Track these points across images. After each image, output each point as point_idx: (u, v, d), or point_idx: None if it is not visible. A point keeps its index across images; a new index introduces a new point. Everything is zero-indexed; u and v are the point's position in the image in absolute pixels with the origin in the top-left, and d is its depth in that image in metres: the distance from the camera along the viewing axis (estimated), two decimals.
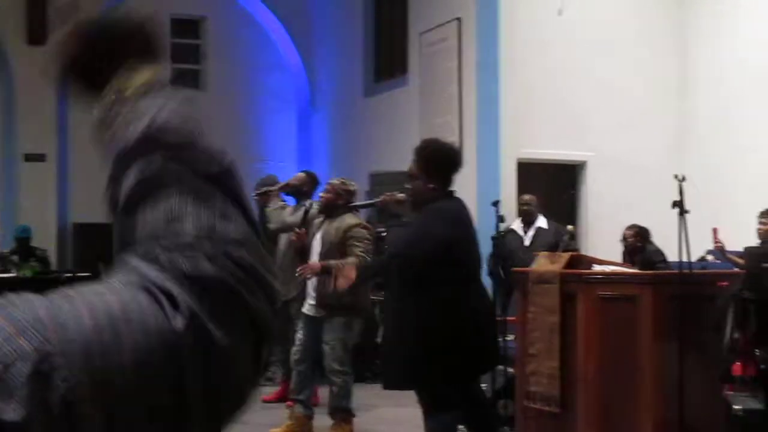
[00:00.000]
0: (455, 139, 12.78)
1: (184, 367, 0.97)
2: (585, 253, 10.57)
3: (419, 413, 8.93)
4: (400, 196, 6.01)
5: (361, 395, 10.39)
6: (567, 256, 7.14)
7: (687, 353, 6.05)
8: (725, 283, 6.08)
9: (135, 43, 1.30)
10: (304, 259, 8.30)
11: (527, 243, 10.53)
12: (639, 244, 10.42)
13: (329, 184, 8.46)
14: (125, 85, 1.24)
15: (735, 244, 9.61)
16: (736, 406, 5.48)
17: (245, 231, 1.09)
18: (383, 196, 6.08)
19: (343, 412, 8.15)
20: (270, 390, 10.32)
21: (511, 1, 12.52)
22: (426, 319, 5.53)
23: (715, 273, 7.83)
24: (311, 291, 8.10)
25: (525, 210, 10.87)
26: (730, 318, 5.54)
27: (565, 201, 11.93)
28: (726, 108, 12.53)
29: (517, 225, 10.82)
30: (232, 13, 17.69)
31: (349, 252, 7.90)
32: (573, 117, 12.74)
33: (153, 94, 1.20)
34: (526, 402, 7.09)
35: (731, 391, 5.80)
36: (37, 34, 15.84)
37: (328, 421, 8.20)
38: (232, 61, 17.66)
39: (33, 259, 13.35)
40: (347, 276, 6.48)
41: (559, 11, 12.48)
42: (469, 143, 12.56)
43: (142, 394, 0.95)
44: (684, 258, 6.06)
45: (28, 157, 15.84)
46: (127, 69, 1.26)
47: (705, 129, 12.89)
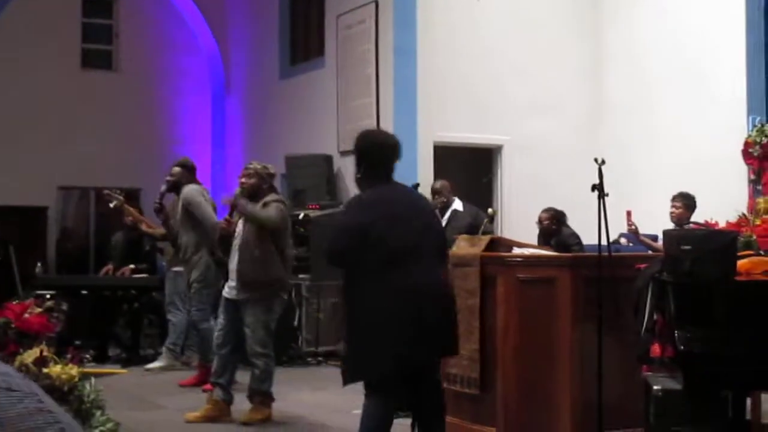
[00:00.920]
0: (372, 122, 12.77)
1: None
2: (502, 235, 10.65)
3: (337, 398, 8.96)
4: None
5: (278, 379, 10.36)
6: (487, 239, 7.18)
7: (605, 335, 6.12)
8: (643, 266, 6.15)
9: None
10: (227, 247, 8.25)
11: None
12: (554, 227, 10.51)
13: (250, 168, 8.32)
14: None
15: (649, 227, 9.75)
16: (655, 387, 5.56)
17: None
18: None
19: (262, 395, 8.10)
20: (187, 375, 10.26)
21: None
22: (356, 307, 5.52)
23: (633, 256, 7.94)
24: (232, 273, 8.04)
25: (436, 198, 10.77)
26: (648, 299, 5.61)
27: (483, 184, 12.00)
28: (640, 90, 12.72)
29: None
30: None
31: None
32: (489, 100, 12.82)
33: None
34: (446, 384, 7.10)
35: (650, 372, 5.88)
36: None
37: (247, 404, 8.14)
38: (145, 41, 17.42)
39: None
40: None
41: None
42: (387, 126, 12.52)
43: None
44: (602, 239, 6.12)
45: None
46: None
47: (619, 111, 13.07)
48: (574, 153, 12.14)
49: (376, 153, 5.75)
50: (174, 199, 10.12)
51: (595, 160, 6.30)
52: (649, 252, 8.81)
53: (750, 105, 11.47)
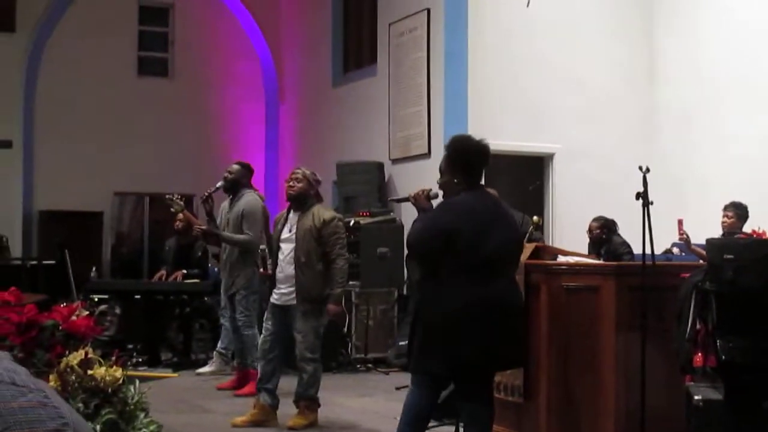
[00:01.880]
0: (423, 130, 12.80)
1: None
2: (551, 244, 10.63)
3: (384, 404, 8.98)
4: (434, 192, 6.07)
5: (326, 385, 10.41)
6: (531, 246, 7.17)
7: (649, 344, 6.09)
8: (687, 275, 6.11)
9: None
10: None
11: None
12: (604, 236, 10.47)
13: (298, 172, 8.23)
14: None
15: (700, 236, 9.66)
16: (696, 397, 5.51)
17: None
18: (415, 191, 6.12)
19: (308, 401, 8.13)
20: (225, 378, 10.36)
21: None
22: (430, 309, 5.58)
23: (677, 264, 7.89)
24: (282, 280, 8.08)
25: None
26: (691, 309, 5.58)
27: (532, 192, 11.96)
28: (691, 99, 12.62)
29: None
30: (200, 1, 17.63)
31: (329, 250, 7.94)
32: (540, 108, 12.79)
33: None
34: None
35: (692, 382, 5.84)
36: (4, 21, 15.74)
37: (292, 409, 8.19)
38: (200, 49, 17.59)
39: None
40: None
41: (527, 2, 12.51)
42: (437, 134, 12.57)
43: None
44: (647, 249, 6.08)
45: None
46: None
47: (671, 120, 12.97)
48: (626, 160, 12.05)
49: (475, 159, 5.84)
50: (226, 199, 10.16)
51: (640, 168, 6.28)
52: (698, 261, 8.74)
53: None
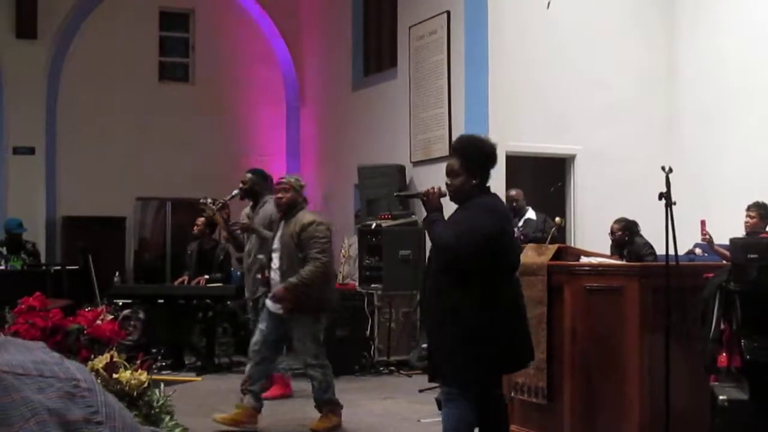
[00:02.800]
0: (444, 133, 12.80)
1: None
2: (573, 245, 10.61)
3: (407, 407, 8.99)
4: (444, 190, 6.01)
5: (349, 388, 10.43)
6: (554, 248, 7.17)
7: (673, 344, 6.08)
8: (711, 275, 6.10)
9: None
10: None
11: (516, 234, 10.65)
12: (627, 237, 10.45)
13: (284, 183, 8.27)
14: None
15: (721, 237, 9.63)
16: (721, 397, 5.49)
17: None
18: (428, 189, 6.06)
19: (329, 404, 8.15)
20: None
21: None
22: (473, 312, 5.52)
23: (701, 265, 7.86)
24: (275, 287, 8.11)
25: (513, 206, 10.98)
26: (715, 309, 5.56)
27: (553, 194, 11.95)
28: (712, 100, 12.57)
29: None
30: (220, 6, 17.68)
31: (307, 252, 7.91)
32: (560, 110, 12.76)
33: None
34: (513, 393, 7.11)
35: (716, 382, 5.82)
36: (26, 28, 15.83)
37: (317, 414, 8.21)
38: (220, 54, 17.65)
39: (23, 252, 13.37)
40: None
41: (548, 4, 12.49)
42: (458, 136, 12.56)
43: None
44: (670, 248, 6.07)
45: (17, 150, 15.83)
46: None
47: (691, 120, 12.93)
48: (647, 162, 12.00)
49: (489, 161, 5.84)
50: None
51: (663, 169, 6.27)
52: (721, 262, 8.71)
53: None
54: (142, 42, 17.17)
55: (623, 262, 7.90)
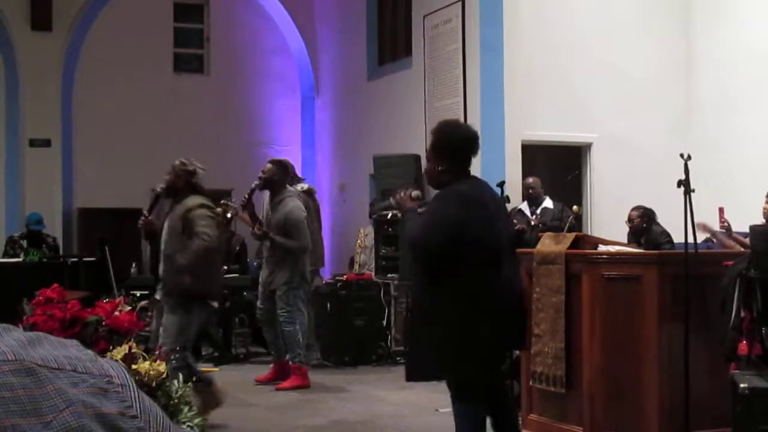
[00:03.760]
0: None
1: None
2: (590, 233, 10.58)
3: (424, 397, 8.98)
4: (415, 193, 5.88)
5: (366, 378, 10.44)
6: (572, 236, 7.14)
7: (692, 333, 6.05)
8: (730, 263, 6.06)
9: None
10: (154, 244, 8.23)
11: (533, 223, 10.65)
12: (644, 225, 10.41)
13: (172, 166, 8.12)
14: None
15: (738, 224, 9.59)
16: (742, 385, 5.47)
17: None
18: (397, 196, 5.92)
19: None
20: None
21: None
22: (449, 306, 5.40)
23: (720, 253, 7.83)
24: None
25: (530, 194, 10.97)
26: (735, 297, 5.53)
27: (570, 182, 11.92)
28: (729, 87, 12.49)
29: (524, 206, 10.98)
30: None
31: (192, 234, 7.66)
32: (577, 98, 12.71)
33: None
34: (531, 382, 7.10)
35: (737, 370, 5.79)
36: (41, 20, 15.85)
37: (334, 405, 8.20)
38: (235, 45, 17.64)
39: (44, 245, 13.44)
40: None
41: None
42: (474, 126, 12.49)
43: None
44: (689, 236, 6.03)
45: (33, 143, 15.87)
46: None
47: (709, 109, 12.86)
48: (664, 150, 11.95)
49: (460, 146, 5.65)
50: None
51: (681, 156, 6.24)
52: (739, 249, 8.66)
53: None
54: (156, 33, 17.17)
55: (642, 251, 7.86)
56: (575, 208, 9.94)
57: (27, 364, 0.93)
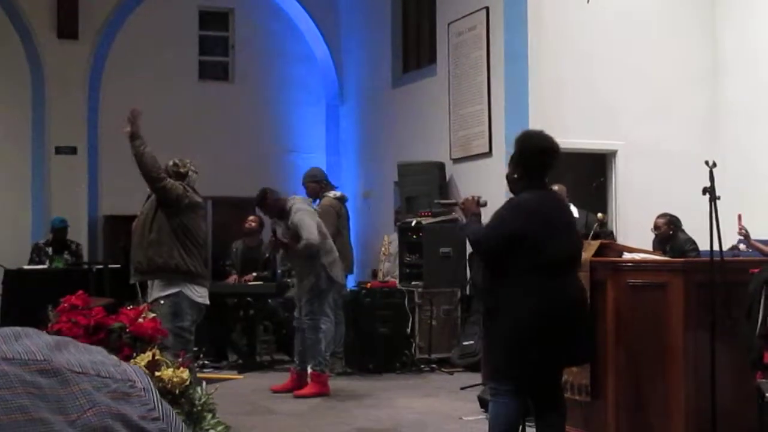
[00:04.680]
0: (484, 129, 12.75)
1: None
2: (615, 241, 10.52)
3: (448, 404, 8.95)
4: (483, 200, 6.07)
5: (390, 385, 10.41)
6: (596, 244, 7.11)
7: (718, 341, 6.00)
8: (756, 270, 6.01)
9: None
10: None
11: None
12: (670, 233, 10.36)
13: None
14: None
15: (766, 231, 9.54)
16: (767, 394, 5.43)
17: None
18: (465, 198, 6.12)
19: None
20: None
21: None
22: (512, 308, 5.54)
23: (746, 260, 7.76)
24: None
25: None
26: (761, 305, 5.48)
27: (595, 190, 11.85)
28: (756, 93, 12.41)
29: None
30: (259, 5, 17.71)
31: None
32: (602, 105, 12.67)
33: None
34: None
35: (763, 379, 5.74)
36: (67, 29, 15.94)
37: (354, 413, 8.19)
38: (260, 52, 17.67)
39: (67, 252, 13.51)
40: None
41: None
42: (498, 133, 12.51)
43: None
44: (714, 244, 5.99)
45: (59, 150, 15.95)
46: None
47: (735, 115, 12.78)
48: (690, 157, 11.88)
49: (537, 157, 5.78)
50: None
51: (706, 163, 6.20)
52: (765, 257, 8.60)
53: None
54: (181, 41, 17.23)
55: (667, 258, 7.81)
56: (599, 215, 9.89)
57: (54, 365, 0.96)
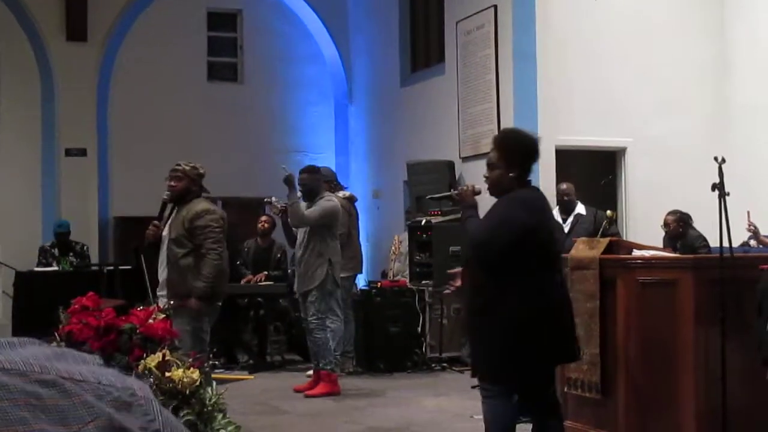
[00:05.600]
0: (493, 128, 12.74)
1: None
2: (625, 238, 10.51)
3: (459, 403, 8.96)
4: (478, 188, 5.99)
5: (401, 384, 10.42)
6: (606, 241, 7.10)
7: (729, 337, 5.98)
8: (766, 266, 6.00)
9: None
10: (156, 252, 8.08)
11: (567, 230, 10.54)
12: (680, 230, 10.35)
13: (179, 171, 8.07)
14: None
15: None
16: None
17: None
18: (459, 188, 6.06)
19: None
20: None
21: None
22: (511, 308, 5.46)
23: (757, 256, 7.75)
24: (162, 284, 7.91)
25: (564, 200, 10.85)
26: None
27: (604, 187, 11.84)
28: (765, 90, 12.38)
29: (555, 213, 10.86)
30: (267, 6, 17.72)
31: (199, 244, 7.64)
32: (611, 103, 12.66)
33: None
34: (566, 388, 7.06)
35: None
36: (76, 31, 15.97)
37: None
38: (268, 53, 17.68)
39: (71, 253, 13.53)
40: None
41: None
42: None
43: None
44: (724, 240, 5.98)
45: (69, 152, 15.97)
46: None
47: (744, 112, 12.75)
48: (699, 154, 11.86)
49: (529, 155, 5.76)
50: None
51: (715, 159, 6.19)
52: None
53: None
54: (190, 42, 17.24)
55: (677, 255, 7.80)
56: (609, 212, 9.88)
57: (53, 375, 0.95)
